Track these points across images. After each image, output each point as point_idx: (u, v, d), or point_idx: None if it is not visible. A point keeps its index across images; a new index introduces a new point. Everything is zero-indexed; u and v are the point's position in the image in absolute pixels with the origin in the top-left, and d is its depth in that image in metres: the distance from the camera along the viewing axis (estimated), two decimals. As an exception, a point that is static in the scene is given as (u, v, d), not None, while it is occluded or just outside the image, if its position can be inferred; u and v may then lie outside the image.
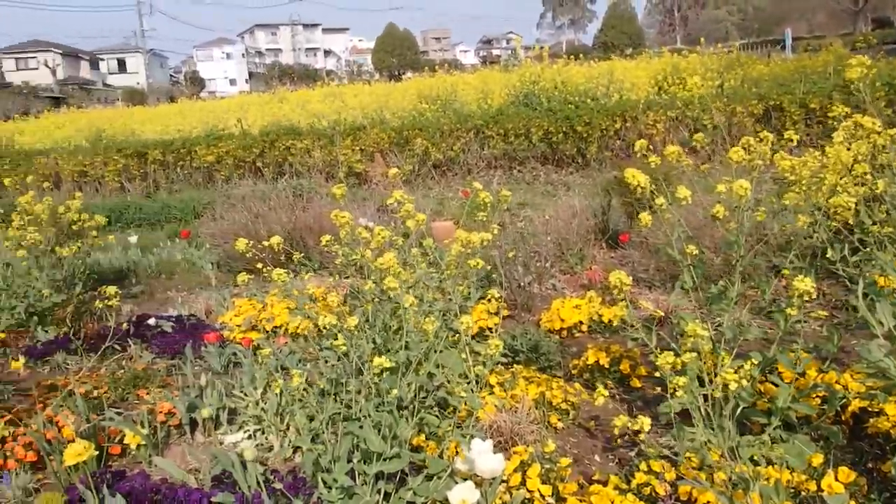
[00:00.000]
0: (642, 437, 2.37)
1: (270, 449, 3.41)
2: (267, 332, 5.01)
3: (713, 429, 2.42)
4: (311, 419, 2.84)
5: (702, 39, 16.71)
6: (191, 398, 3.72)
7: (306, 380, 2.80)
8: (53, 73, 53.31)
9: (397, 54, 63.06)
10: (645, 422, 2.20)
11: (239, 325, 5.12)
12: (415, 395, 2.80)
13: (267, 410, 3.46)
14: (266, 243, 3.17)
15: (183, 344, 4.70)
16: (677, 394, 2.16)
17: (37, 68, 53.83)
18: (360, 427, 2.49)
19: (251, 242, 3.25)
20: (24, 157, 13.95)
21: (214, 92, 56.69)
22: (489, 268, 3.81)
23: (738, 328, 2.90)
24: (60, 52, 56.00)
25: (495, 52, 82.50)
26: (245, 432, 3.55)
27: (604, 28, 61.20)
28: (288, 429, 3.42)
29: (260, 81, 62.67)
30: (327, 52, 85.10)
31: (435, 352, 2.95)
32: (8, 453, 3.32)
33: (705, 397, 2.51)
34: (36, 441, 3.32)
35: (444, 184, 11.54)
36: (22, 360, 3.55)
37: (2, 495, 3.07)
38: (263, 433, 3.53)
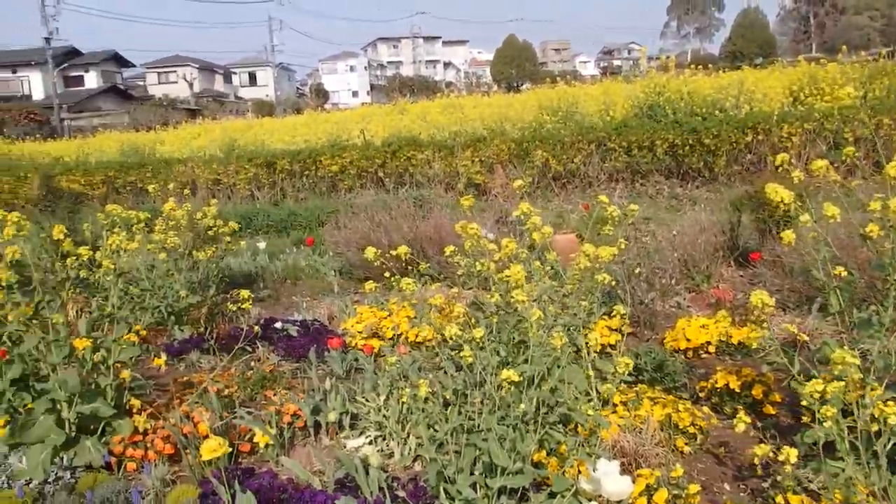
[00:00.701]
0: (787, 468, 2.22)
1: (391, 455, 3.45)
2: (387, 339, 5.09)
3: (861, 464, 2.25)
4: (432, 428, 2.85)
5: (843, 47, 15.74)
6: (315, 401, 3.83)
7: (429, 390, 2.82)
8: (191, 86, 56.67)
9: (516, 66, 63.15)
10: (791, 453, 2.08)
11: (360, 332, 5.22)
12: (536, 410, 2.76)
13: (389, 417, 3.50)
14: (393, 252, 3.23)
15: (307, 348, 4.83)
16: (825, 424, 2.02)
17: (176, 82, 57.38)
18: (485, 440, 2.47)
19: (377, 251, 3.32)
20: (164, 164, 14.85)
21: (337, 104, 58.61)
22: (613, 283, 3.73)
23: (891, 357, 2.69)
24: (197, 66, 59.45)
25: (616, 62, 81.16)
26: (366, 438, 3.61)
27: (732, 36, 59.11)
28: (408, 436, 3.45)
29: (381, 93, 64.32)
30: (447, 64, 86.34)
31: (558, 367, 2.90)
32: (148, 445, 3.51)
33: (850, 429, 2.35)
34: (173, 435, 3.50)
35: (564, 196, 11.41)
36: (164, 357, 3.75)
37: (143, 484, 3.24)
38: (384, 439, 3.58)
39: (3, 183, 15.59)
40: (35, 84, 49.87)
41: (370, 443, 3.58)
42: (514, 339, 3.13)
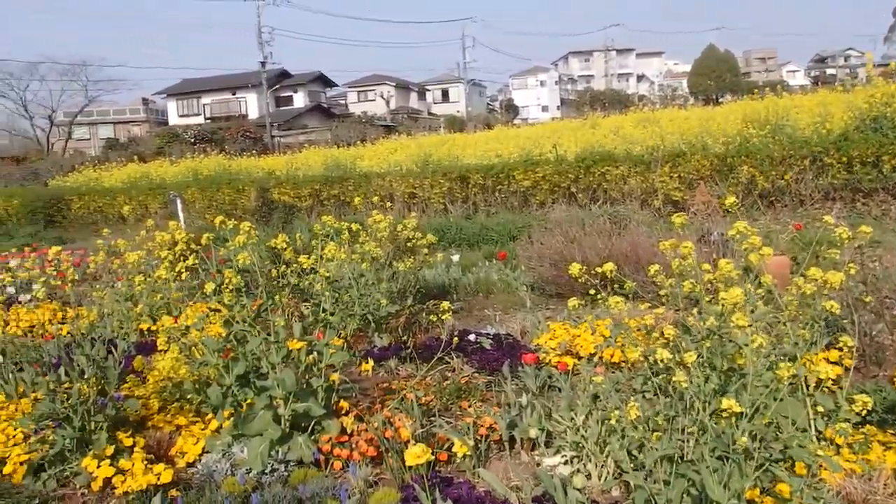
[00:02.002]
0: None
1: (588, 477, 3.37)
2: (582, 358, 5.00)
3: None
4: (640, 453, 2.74)
5: None
6: (511, 416, 3.83)
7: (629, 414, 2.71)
8: (387, 103, 59.53)
9: (715, 77, 60.23)
10: None
11: (554, 349, 5.17)
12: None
13: (587, 438, 3.42)
14: (599, 269, 3.16)
15: (501, 361, 4.86)
16: None
17: (374, 100, 60.52)
18: (696, 471, 2.34)
19: (581, 267, 3.26)
20: (364, 178, 15.69)
21: (527, 119, 59.00)
22: (838, 311, 3.41)
23: None
24: (394, 84, 62.35)
25: (829, 70, 75.12)
26: (562, 457, 3.54)
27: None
28: (607, 459, 3.35)
29: (570, 108, 63.93)
30: (640, 77, 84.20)
31: (776, 399, 2.69)
32: (353, 446, 3.68)
33: None
34: (376, 438, 3.64)
35: (771, 215, 10.69)
36: (370, 363, 3.92)
37: (348, 483, 3.40)
38: (580, 460, 3.50)
39: (224, 195, 17.20)
40: (251, 104, 54.80)
41: (566, 462, 3.51)
42: (723, 366, 2.95)
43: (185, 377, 4.29)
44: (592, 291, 3.13)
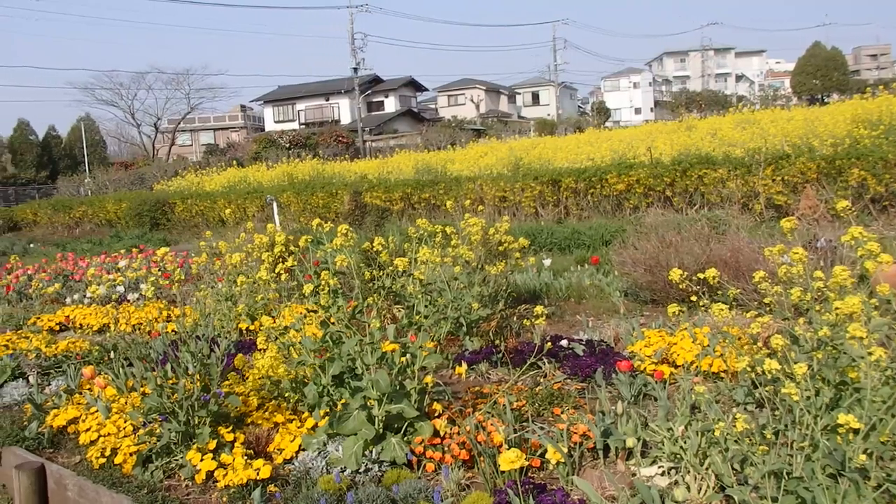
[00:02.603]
0: None
1: (688, 489, 3.26)
2: (679, 366, 4.85)
3: None
4: (749, 466, 2.63)
5: None
6: (606, 424, 3.74)
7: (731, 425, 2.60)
8: (477, 107, 59.73)
9: (821, 75, 57.59)
10: None
11: (649, 357, 5.04)
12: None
13: (686, 450, 3.31)
14: (698, 276, 3.05)
15: (594, 368, 4.78)
16: None
17: (464, 104, 60.87)
18: (807, 489, 2.22)
19: (682, 273, 3.16)
20: (455, 182, 15.77)
21: (619, 121, 58.05)
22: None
23: None
24: (484, 88, 62.51)
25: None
26: (659, 468, 3.44)
27: None
28: (707, 471, 3.23)
29: (665, 110, 62.46)
30: (739, 77, 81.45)
31: (894, 416, 2.53)
32: (445, 449, 3.68)
33: None
34: (469, 441, 3.63)
35: (884, 221, 10.11)
36: (464, 366, 3.92)
37: (440, 485, 3.40)
38: (678, 472, 3.39)
39: (318, 199, 17.63)
40: (343, 109, 56.14)
41: (662, 474, 3.41)
42: (835, 379, 2.80)
43: (282, 376, 4.40)
44: (694, 298, 3.03)
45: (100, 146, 57.80)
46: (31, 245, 19.71)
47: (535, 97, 69.78)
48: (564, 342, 5.52)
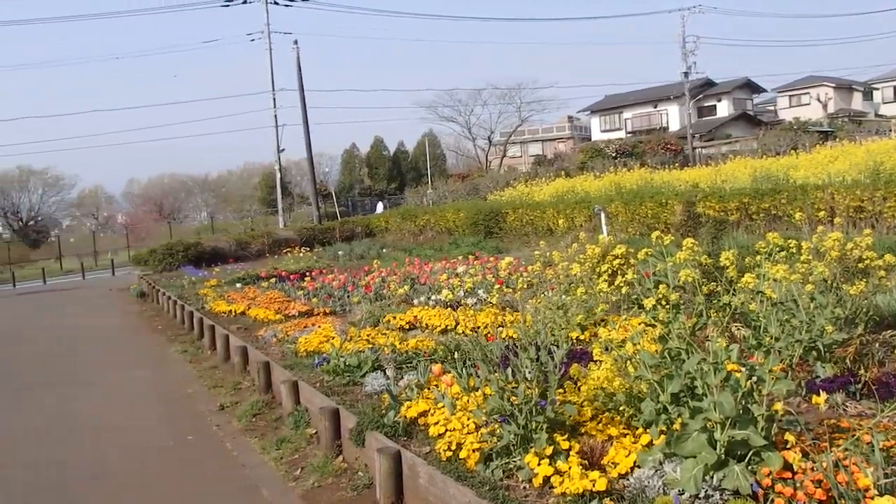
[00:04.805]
0: None
1: None
2: None
3: None
4: None
5: None
6: None
7: None
8: (824, 107, 54.04)
9: None
10: None
11: None
12: None
13: None
14: None
15: None
16: None
17: (808, 104, 55.46)
18: None
19: None
20: (799, 191, 14.41)
21: None
22: None
23: None
24: (832, 85, 56.38)
25: None
26: None
27: None
28: None
29: None
30: None
31: None
32: (797, 485, 3.36)
33: None
34: (826, 480, 3.27)
35: None
36: (823, 396, 3.55)
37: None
38: None
39: (647, 208, 17.33)
40: (672, 116, 54.61)
41: None
42: None
43: (617, 389, 4.38)
44: None
45: (440, 159, 63.53)
46: (384, 250, 22.18)
47: (898, 91, 61.13)
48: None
